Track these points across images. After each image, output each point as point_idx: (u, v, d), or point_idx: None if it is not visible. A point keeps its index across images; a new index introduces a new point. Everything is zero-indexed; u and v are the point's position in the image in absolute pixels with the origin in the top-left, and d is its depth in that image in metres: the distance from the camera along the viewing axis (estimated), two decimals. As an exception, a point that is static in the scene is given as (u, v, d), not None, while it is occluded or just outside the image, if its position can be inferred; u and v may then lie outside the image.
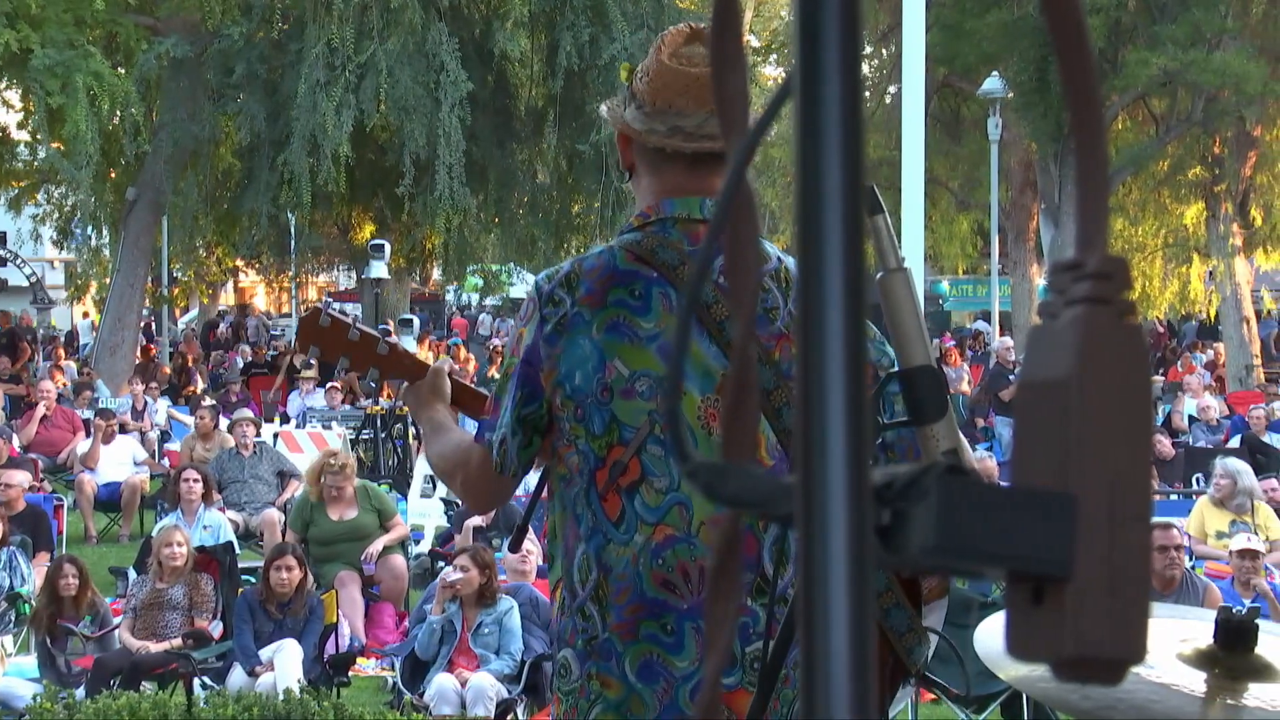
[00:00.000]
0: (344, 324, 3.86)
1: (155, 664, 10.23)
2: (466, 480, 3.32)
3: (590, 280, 3.14)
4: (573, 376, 3.10)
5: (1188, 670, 3.11)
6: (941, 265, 39.81)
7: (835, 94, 0.88)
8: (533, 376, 3.15)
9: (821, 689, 0.86)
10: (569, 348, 3.11)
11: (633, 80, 3.28)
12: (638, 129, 3.22)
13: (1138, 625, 0.90)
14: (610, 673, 3.10)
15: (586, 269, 3.16)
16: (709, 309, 3.11)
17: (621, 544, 3.09)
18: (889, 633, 3.05)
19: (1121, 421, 0.91)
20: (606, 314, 3.11)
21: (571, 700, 3.15)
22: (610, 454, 3.09)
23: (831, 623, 0.86)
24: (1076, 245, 0.95)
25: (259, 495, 15.17)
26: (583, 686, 3.13)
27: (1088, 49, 0.95)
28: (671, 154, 3.20)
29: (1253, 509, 12.47)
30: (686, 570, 3.07)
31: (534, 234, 27.01)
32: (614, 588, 3.09)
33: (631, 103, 3.26)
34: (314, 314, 3.88)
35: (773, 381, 3.11)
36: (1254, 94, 25.03)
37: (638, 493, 3.09)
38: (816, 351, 0.87)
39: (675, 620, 3.07)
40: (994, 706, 8.87)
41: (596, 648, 3.11)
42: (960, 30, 26.42)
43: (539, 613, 10.02)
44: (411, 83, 23.40)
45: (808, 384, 0.87)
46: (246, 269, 42.16)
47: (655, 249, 3.15)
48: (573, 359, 3.10)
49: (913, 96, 10.61)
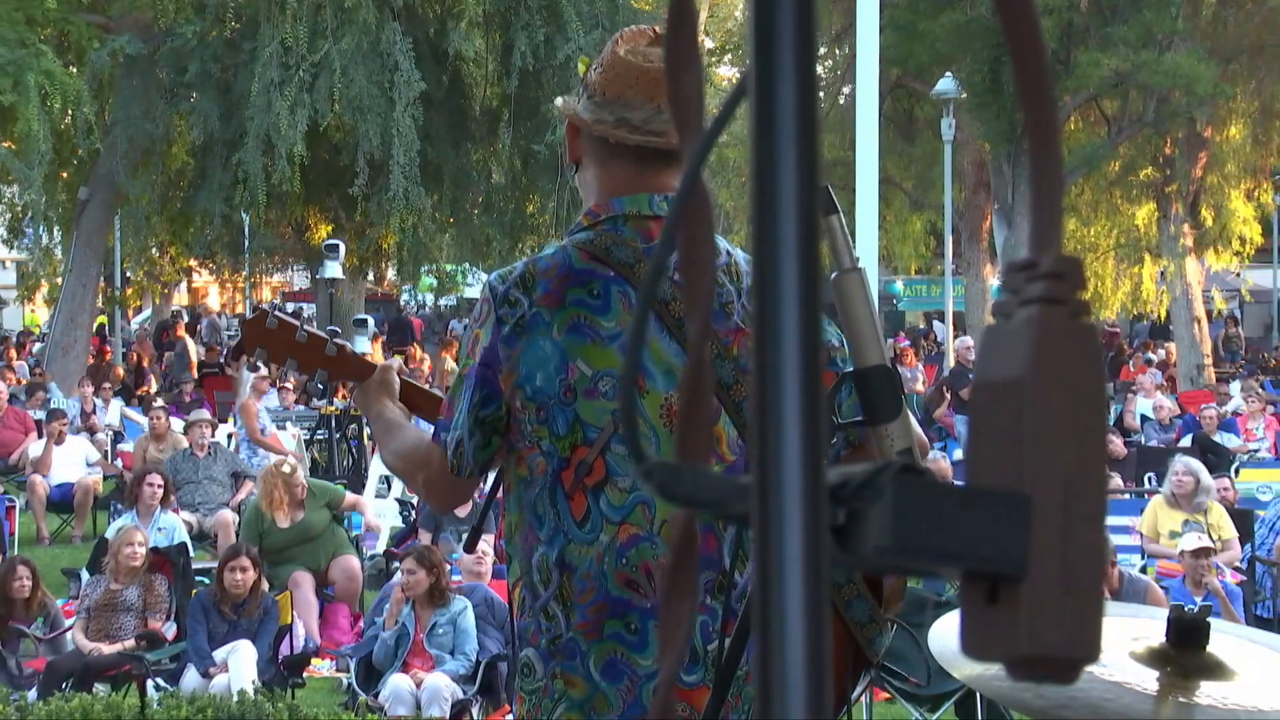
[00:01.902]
0: (291, 326, 3.84)
1: (108, 666, 10.18)
2: (429, 481, 3.30)
3: (547, 280, 3.13)
4: (533, 378, 3.09)
5: (1140, 668, 3.12)
6: (895, 265, 39.92)
7: (790, 95, 0.88)
8: (490, 378, 3.13)
9: (777, 688, 0.86)
10: (528, 349, 3.10)
11: (588, 73, 3.28)
12: (586, 118, 3.22)
13: (1092, 624, 0.91)
14: (574, 672, 3.09)
15: (542, 269, 3.15)
16: (667, 306, 3.11)
17: (585, 543, 3.09)
18: (850, 624, 3.06)
19: (1076, 421, 0.92)
20: (566, 314, 3.10)
21: (535, 700, 3.14)
22: (575, 454, 3.09)
23: (787, 622, 0.86)
24: (1030, 245, 0.96)
25: (213, 496, 15.10)
26: (546, 686, 3.12)
27: (1042, 49, 0.95)
28: (616, 146, 3.20)
29: (1206, 508, 12.55)
30: (650, 569, 3.07)
31: (489, 234, 26.96)
32: (578, 587, 3.09)
33: (584, 94, 3.26)
34: (260, 316, 3.86)
35: (732, 376, 3.12)
36: (1204, 95, 25.16)
37: (603, 492, 3.08)
38: (772, 352, 0.87)
39: (639, 619, 3.07)
40: (948, 705, 8.90)
41: (560, 647, 3.10)
42: (914, 31, 26.49)
43: (494, 613, 10.01)
44: (366, 82, 23.34)
45: (763, 384, 0.87)
46: (200, 269, 41.97)
47: (609, 247, 3.15)
48: (533, 360, 3.09)
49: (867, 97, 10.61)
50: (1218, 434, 18.92)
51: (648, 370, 3.12)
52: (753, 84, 0.89)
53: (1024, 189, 26.48)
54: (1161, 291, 30.80)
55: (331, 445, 17.94)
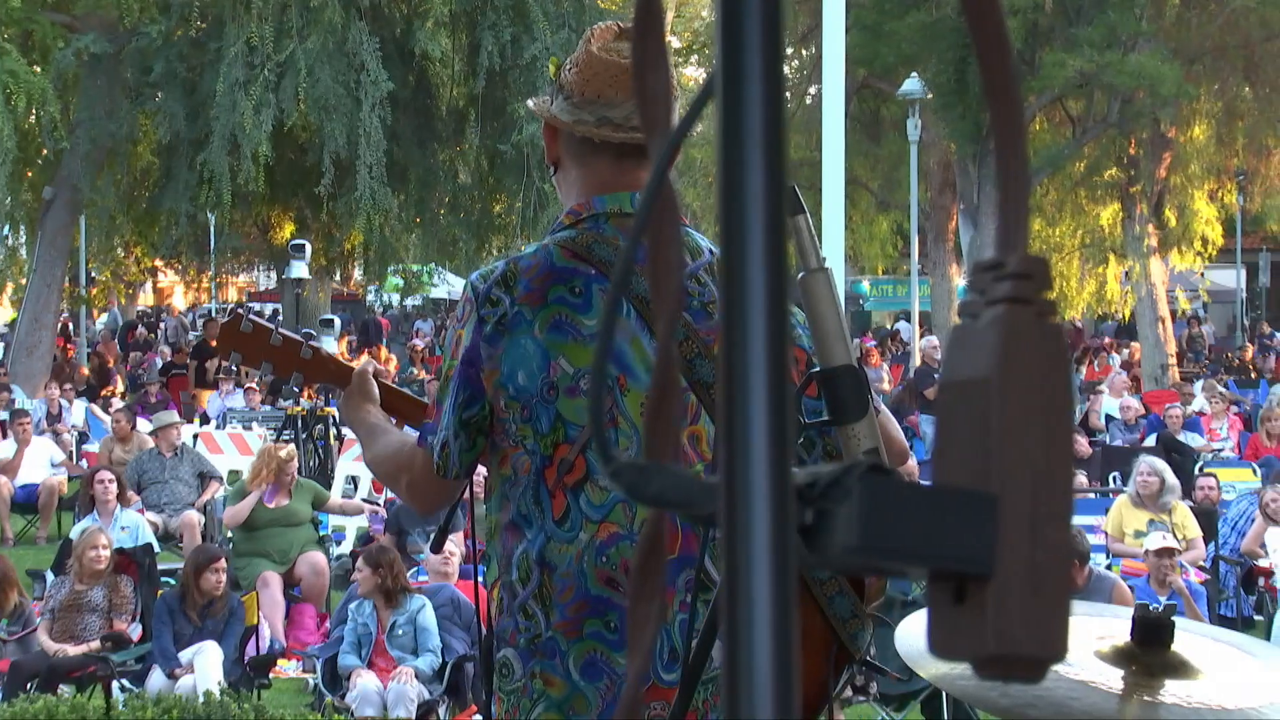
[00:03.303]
0: (266, 329, 3.84)
1: (73, 667, 10.14)
2: (412, 484, 3.30)
3: (528, 279, 3.13)
4: (515, 376, 3.08)
5: (1105, 667, 3.13)
6: (862, 265, 39.99)
7: (757, 95, 0.89)
8: (473, 378, 3.13)
9: (744, 689, 0.86)
10: (511, 347, 3.09)
11: (560, 73, 3.28)
12: (566, 119, 3.22)
13: (1059, 624, 0.91)
14: (554, 671, 3.09)
15: (523, 267, 3.14)
16: (649, 304, 3.11)
17: (565, 542, 3.08)
18: (833, 619, 3.07)
19: (1042, 420, 0.92)
20: (548, 312, 3.10)
21: (514, 699, 3.13)
22: (556, 452, 3.08)
23: (754, 623, 0.86)
24: (997, 245, 0.96)
25: (179, 496, 15.04)
26: (525, 685, 3.11)
27: (1007, 49, 0.95)
28: (599, 145, 3.20)
29: (1171, 507, 12.61)
30: (630, 567, 3.06)
31: (455, 234, 26.91)
32: (558, 586, 3.08)
33: (559, 94, 3.25)
34: (235, 319, 3.85)
35: (713, 375, 3.11)
36: (1168, 96, 25.24)
37: (583, 490, 3.08)
38: (739, 352, 0.88)
39: (618, 618, 3.07)
40: (914, 704, 8.92)
41: (539, 646, 3.10)
42: (880, 31, 26.52)
43: (460, 614, 10.00)
44: (332, 82, 23.26)
45: (730, 384, 0.88)
46: (165, 269, 41.80)
47: (591, 245, 3.15)
48: (515, 359, 3.09)
49: (833, 98, 10.63)
50: (1182, 433, 18.99)
51: (630, 369, 3.12)
52: (720, 84, 0.90)
53: (990, 189, 26.56)
54: (1126, 291, 30.90)
55: (298, 445, 17.87)
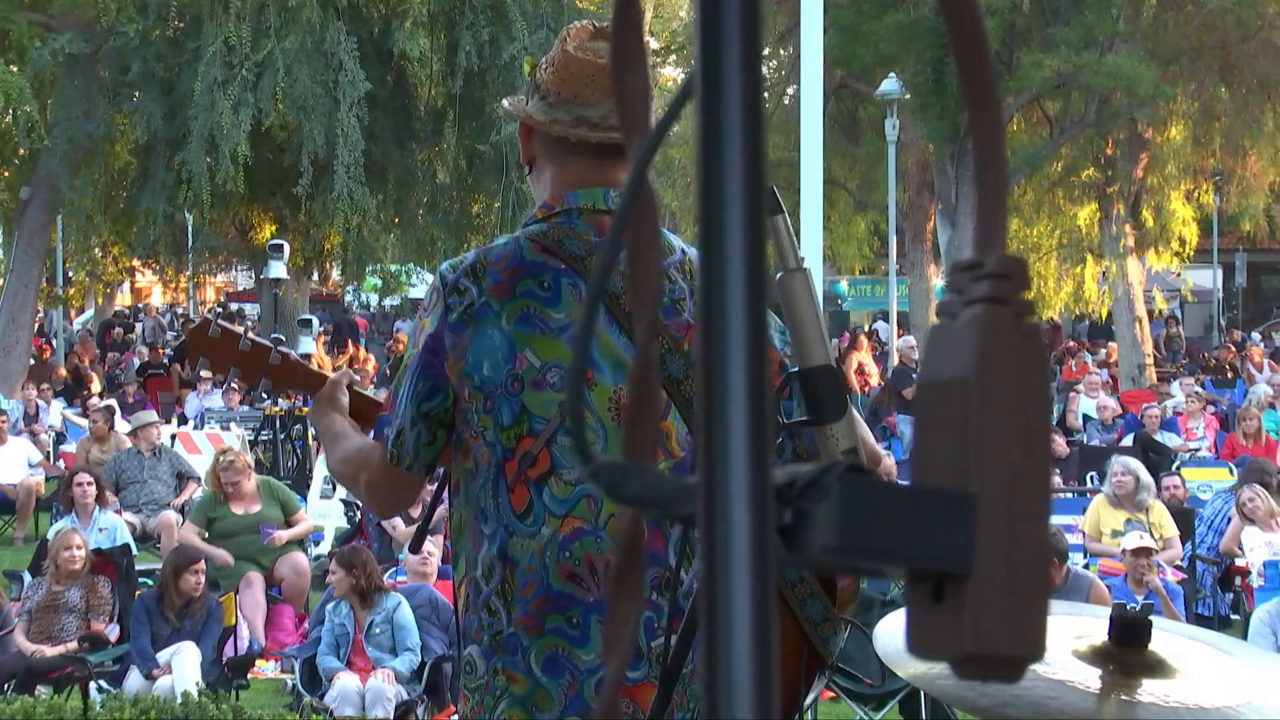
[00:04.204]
0: (234, 334, 3.81)
1: (51, 668, 10.11)
2: (370, 482, 3.27)
3: (497, 270, 3.12)
4: (481, 366, 3.07)
5: (1083, 667, 3.14)
6: (840, 265, 40.00)
7: (736, 95, 0.89)
8: (436, 366, 3.12)
9: (724, 689, 0.86)
10: (476, 337, 3.08)
11: (536, 73, 3.27)
12: (541, 119, 3.21)
13: (1037, 623, 0.91)
14: (516, 667, 3.08)
15: (493, 259, 3.14)
16: (617, 299, 3.11)
17: (527, 537, 3.07)
18: (804, 623, 3.07)
19: (1020, 420, 0.92)
20: (516, 305, 3.09)
21: (478, 697, 3.13)
22: (520, 445, 3.07)
23: (734, 623, 0.86)
24: (975, 245, 0.96)
25: (157, 496, 15.01)
26: (488, 683, 3.11)
27: (985, 50, 0.96)
28: (576, 144, 3.19)
29: (1148, 507, 12.65)
30: (593, 563, 3.05)
31: (434, 234, 26.88)
32: (519, 581, 3.07)
33: (535, 94, 3.25)
34: (203, 325, 3.83)
35: (682, 371, 3.11)
36: (1145, 96, 25.29)
37: (546, 485, 3.07)
38: (718, 352, 0.88)
39: (581, 613, 3.06)
40: (893, 704, 8.93)
41: (502, 643, 3.09)
42: (857, 32, 26.54)
43: (438, 614, 9.99)
44: (310, 82, 23.21)
45: (710, 385, 0.88)
46: (143, 269, 41.69)
47: (562, 240, 3.15)
48: (481, 349, 3.08)
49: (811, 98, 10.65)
50: (1159, 433, 19.04)
51: (596, 363, 3.11)
52: (698, 84, 0.90)
53: (967, 190, 26.59)
54: (1103, 291, 30.95)
55: (276, 446, 17.85)
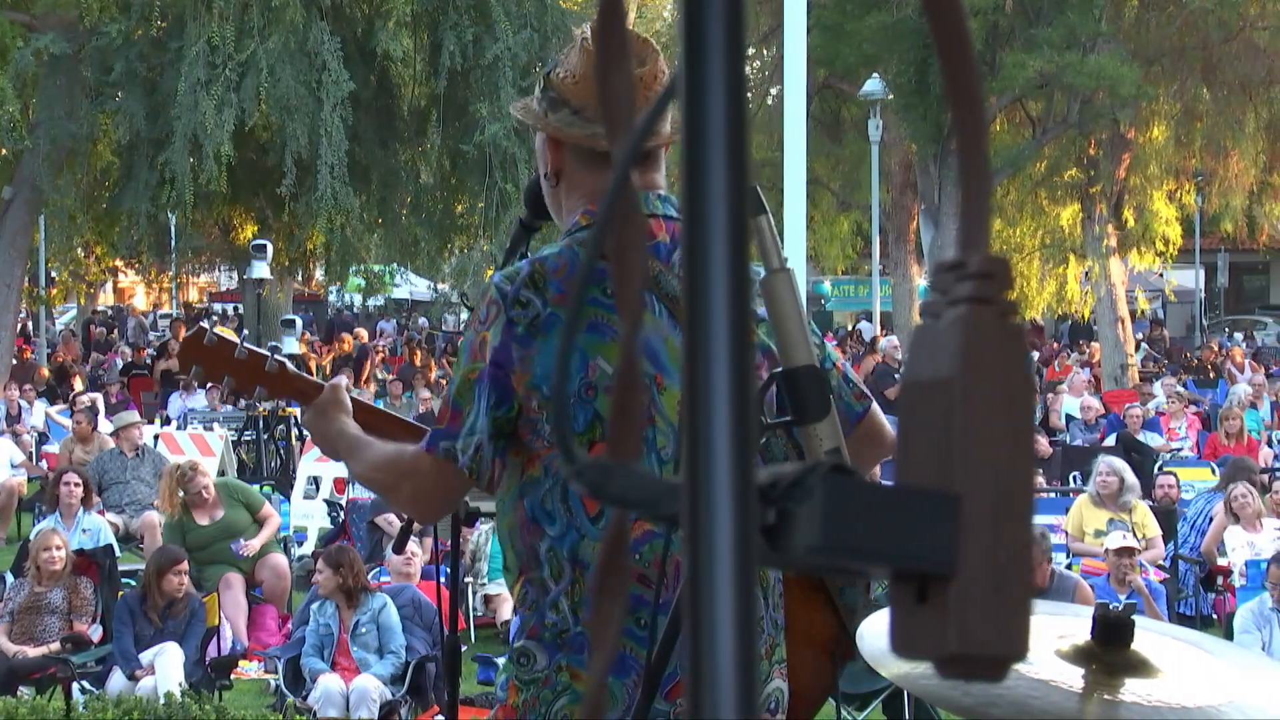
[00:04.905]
0: (230, 344, 3.79)
1: (33, 668, 10.08)
2: (417, 491, 3.25)
3: (559, 280, 3.12)
4: (550, 377, 3.07)
5: (1066, 666, 3.14)
6: (823, 266, 40.05)
7: (719, 95, 0.89)
8: (503, 380, 3.11)
9: (707, 689, 0.86)
10: (545, 349, 3.09)
11: (555, 84, 3.25)
12: (576, 133, 3.21)
13: (1020, 622, 0.91)
14: (582, 665, 3.09)
15: (551, 269, 3.14)
16: (679, 302, 3.13)
17: (599, 539, 3.08)
18: (843, 610, 3.08)
19: (1004, 420, 0.92)
20: (583, 313, 3.09)
21: (534, 690, 3.14)
22: (592, 450, 3.06)
23: (717, 622, 0.86)
24: (959, 245, 0.96)
25: (140, 497, 14.97)
26: (548, 677, 3.12)
27: (969, 50, 0.96)
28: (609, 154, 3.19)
29: (1131, 507, 12.67)
30: (662, 564, 3.07)
31: (417, 234, 26.86)
32: (590, 583, 3.09)
33: (564, 108, 3.24)
34: (198, 334, 3.81)
35: None
36: (1128, 96, 25.34)
37: None
38: (701, 352, 0.88)
39: (648, 615, 3.07)
40: (876, 704, 8.94)
41: (568, 641, 3.11)
42: (841, 32, 26.57)
43: (422, 614, 9.98)
44: (293, 82, 23.18)
45: (693, 385, 0.88)
46: (126, 269, 41.61)
47: None
48: (550, 360, 3.08)
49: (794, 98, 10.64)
50: (1141, 433, 19.08)
51: (666, 368, 3.14)
52: (682, 85, 0.90)
53: (951, 190, 26.63)
54: (1086, 292, 31.00)
55: (259, 446, 17.82)
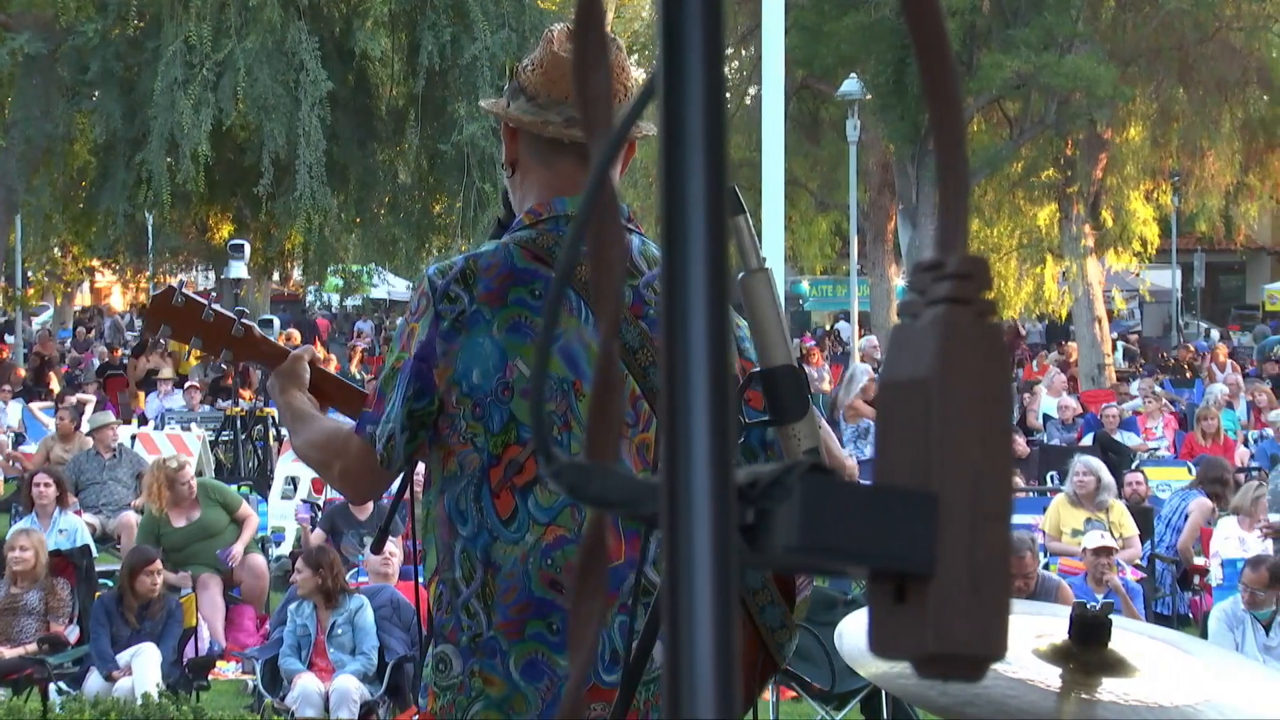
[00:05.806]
0: (198, 304, 3.80)
1: (10, 669, 10.05)
2: (345, 471, 3.28)
3: (488, 278, 3.12)
4: (470, 374, 3.08)
5: (1043, 665, 3.15)
6: (801, 265, 40.07)
7: (698, 95, 0.89)
8: (425, 373, 3.12)
9: (686, 688, 0.86)
10: (468, 345, 3.09)
11: (519, 74, 3.26)
12: (531, 120, 3.21)
13: (999, 622, 0.91)
14: (494, 670, 3.09)
15: (483, 266, 3.14)
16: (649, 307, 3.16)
17: (511, 542, 3.09)
18: (762, 629, 3.08)
19: (982, 420, 0.92)
20: (507, 313, 3.10)
21: (450, 696, 3.13)
22: (506, 452, 3.09)
23: (695, 622, 0.86)
24: (937, 245, 0.96)
25: (117, 497, 14.94)
26: (463, 683, 3.12)
27: (947, 50, 0.96)
28: (565, 145, 3.20)
29: (1108, 506, 12.70)
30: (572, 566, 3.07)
31: (395, 234, 26.84)
32: (501, 586, 3.09)
33: (521, 96, 3.25)
34: (167, 293, 3.81)
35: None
36: (1104, 97, 25.40)
37: (532, 492, 3.08)
38: (680, 352, 0.88)
39: (561, 620, 3.08)
40: (854, 703, 8.94)
41: (481, 645, 3.10)
42: (819, 32, 26.59)
43: (400, 614, 9.96)
44: (271, 81, 23.15)
45: (672, 385, 0.88)
46: (103, 269, 41.48)
47: (551, 248, 3.15)
48: (471, 356, 3.09)
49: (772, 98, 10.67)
50: (1118, 433, 19.13)
51: (586, 374, 3.14)
52: (661, 85, 0.90)
53: (929, 190, 26.66)
54: (1063, 292, 31.06)
55: (237, 446, 17.79)
